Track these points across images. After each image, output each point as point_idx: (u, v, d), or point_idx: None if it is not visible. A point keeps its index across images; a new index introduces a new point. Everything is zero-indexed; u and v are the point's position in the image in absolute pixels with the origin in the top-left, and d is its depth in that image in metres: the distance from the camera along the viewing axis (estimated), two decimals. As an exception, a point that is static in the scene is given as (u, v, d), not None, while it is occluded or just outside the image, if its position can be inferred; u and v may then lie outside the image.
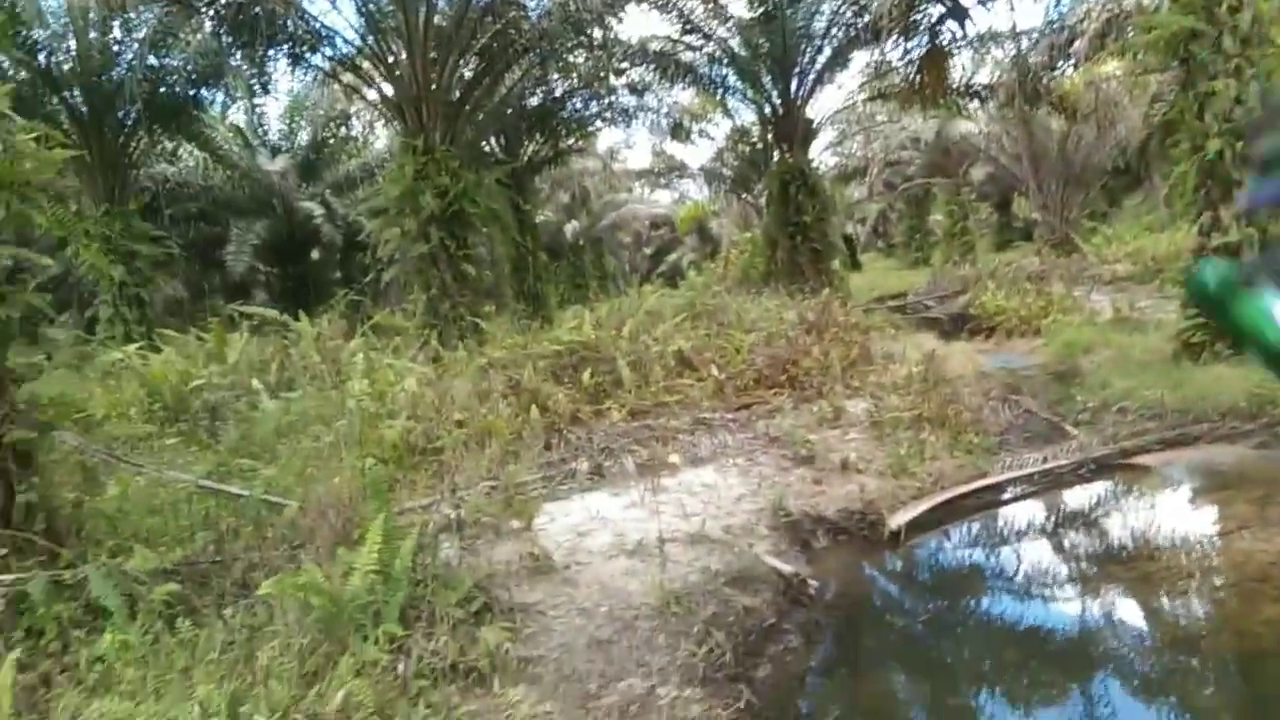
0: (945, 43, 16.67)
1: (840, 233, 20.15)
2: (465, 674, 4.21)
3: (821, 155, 34.40)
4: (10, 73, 15.54)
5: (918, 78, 16.61)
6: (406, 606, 4.52)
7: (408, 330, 13.98)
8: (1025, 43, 18.43)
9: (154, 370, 10.66)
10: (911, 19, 15.40)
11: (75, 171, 16.32)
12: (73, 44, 16.61)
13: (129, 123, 17.44)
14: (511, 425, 8.31)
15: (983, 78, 21.40)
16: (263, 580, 4.70)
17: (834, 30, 18.41)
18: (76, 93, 16.69)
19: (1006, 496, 7.23)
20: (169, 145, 21.93)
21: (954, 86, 19.07)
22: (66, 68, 16.57)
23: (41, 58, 16.18)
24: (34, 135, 5.48)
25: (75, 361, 14.61)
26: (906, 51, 16.70)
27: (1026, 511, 7.17)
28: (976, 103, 20.81)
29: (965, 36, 17.54)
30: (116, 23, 16.55)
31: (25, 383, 5.37)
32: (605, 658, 4.49)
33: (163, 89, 17.59)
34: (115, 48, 16.93)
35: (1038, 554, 6.41)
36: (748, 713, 4.12)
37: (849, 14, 17.95)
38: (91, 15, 16.32)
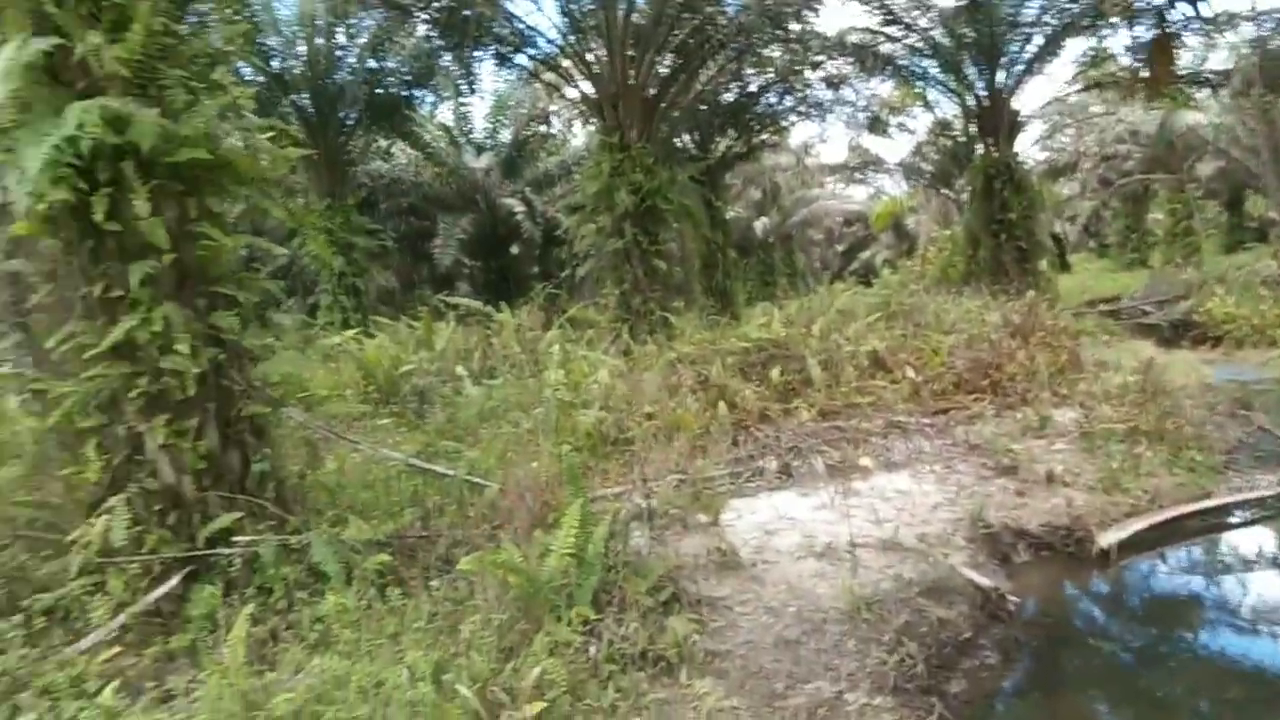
0: (1175, 27, 15.46)
1: (1048, 231, 19.05)
2: (654, 662, 4.28)
3: (1029, 149, 32.74)
4: (249, 77, 16.99)
5: (1142, 66, 15.47)
6: (599, 591, 4.63)
7: (600, 324, 14.32)
8: (1266, 25, 16.84)
9: (369, 355, 11.38)
10: (1138, 2, 14.37)
11: (302, 169, 17.66)
12: (302, 49, 17.98)
13: (349, 123, 18.76)
14: (700, 420, 8.36)
15: (1215, 64, 19.71)
16: (464, 557, 4.95)
17: (1046, 17, 17.44)
18: (304, 95, 18.05)
19: (1234, 520, 6.66)
20: (384, 144, 23.41)
21: (1182, 74, 17.65)
22: (296, 72, 17.96)
23: (275, 63, 17.63)
24: (270, 134, 5.96)
25: (299, 345, 15.78)
26: (1133, 39, 15.60)
27: (1256, 538, 6.58)
28: (1206, 91, 19.18)
29: (1197, 19, 16.20)
30: (340, 29, 17.82)
31: (260, 362, 5.86)
32: (792, 658, 4.45)
33: (379, 90, 18.80)
34: (338, 53, 18.21)
35: (1268, 586, 5.86)
36: (939, 725, 3.99)
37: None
38: (318, 22, 17.62)
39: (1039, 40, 17.89)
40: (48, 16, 4.74)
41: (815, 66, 19.80)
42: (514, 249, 25.76)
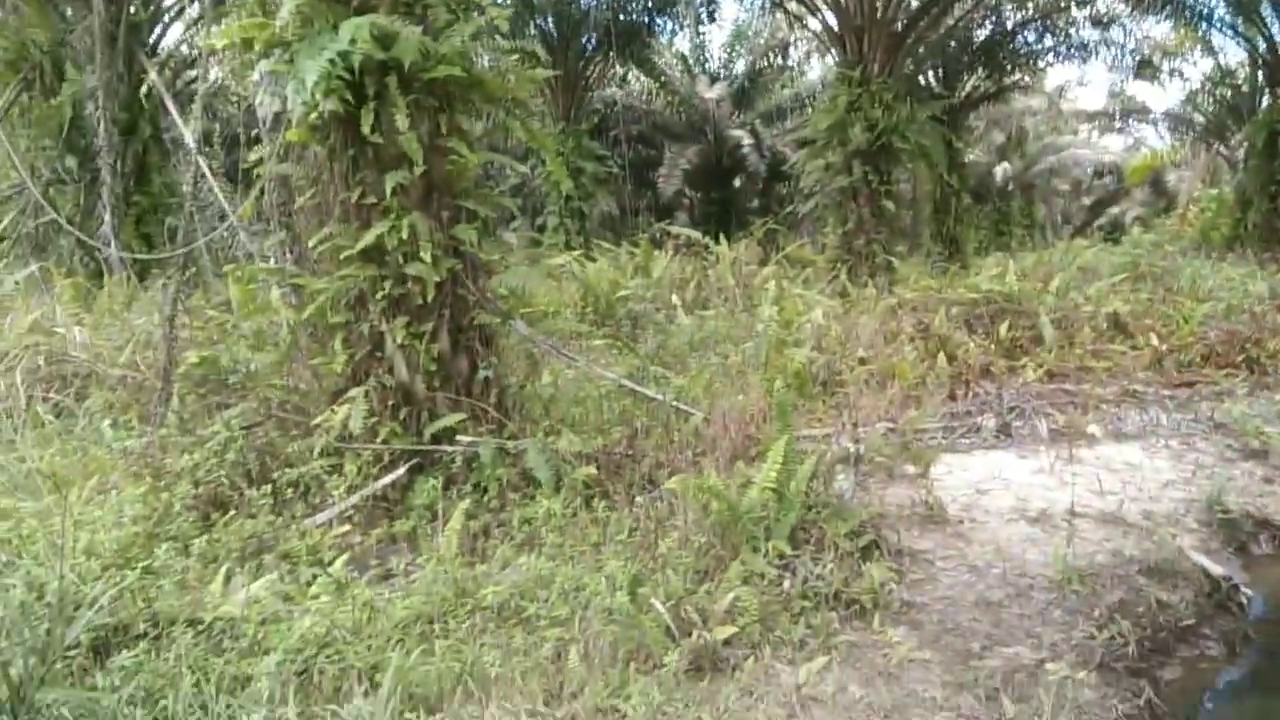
0: None
1: (1338, 197, 16.89)
2: (847, 604, 4.26)
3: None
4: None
5: None
6: (797, 528, 4.64)
7: (817, 264, 14.06)
8: None
9: (589, 277, 11.71)
10: None
11: (539, 91, 18.15)
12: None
13: (589, 48, 19.04)
14: (916, 370, 8.11)
15: None
16: (666, 478, 5.08)
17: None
18: (549, 18, 18.43)
19: None
20: (619, 70, 23.64)
21: None
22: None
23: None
24: (517, 56, 6.16)
25: (525, 263, 16.43)
26: None
27: None
28: None
29: None
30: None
31: (493, 275, 6.16)
32: (992, 619, 4.30)
33: (621, 16, 18.91)
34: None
35: None
36: (1148, 711, 3.75)
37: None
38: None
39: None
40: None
41: (1083, 3, 18.26)
42: (736, 182, 25.60)
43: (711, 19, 19.50)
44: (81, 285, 10.58)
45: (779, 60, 25.59)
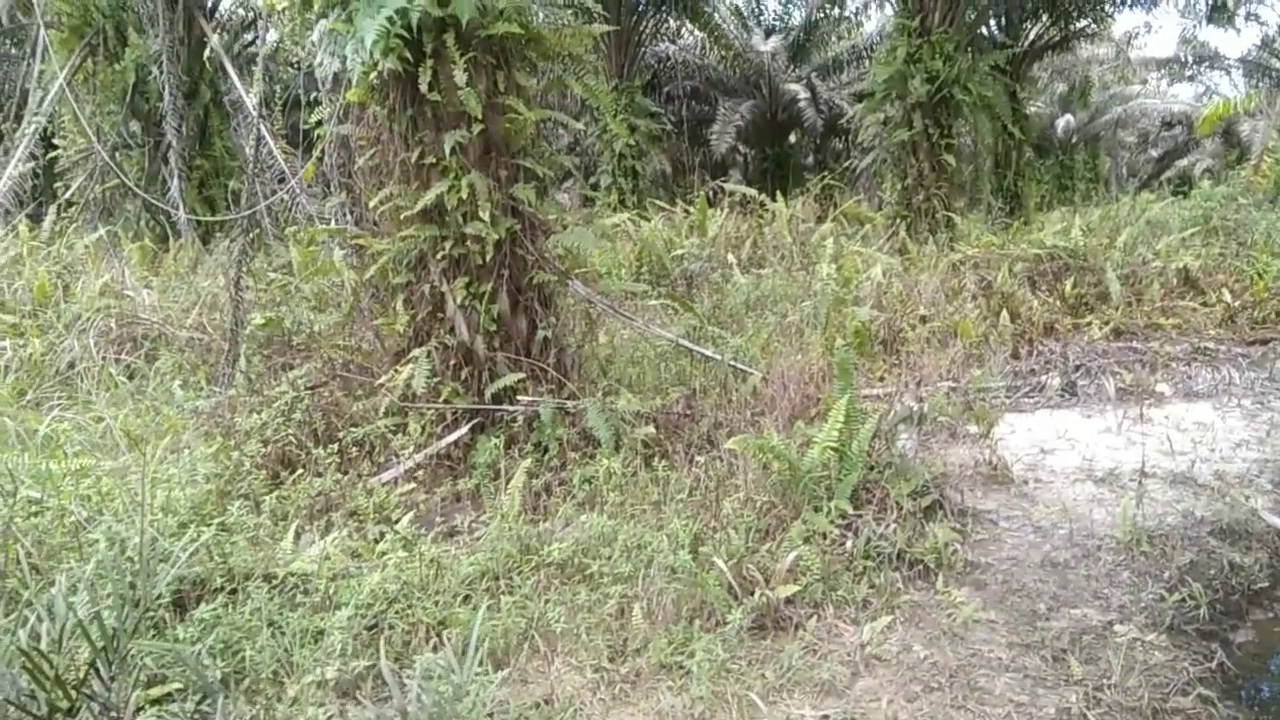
0: None
1: None
2: (910, 564, 4.24)
3: None
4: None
5: None
6: (859, 488, 4.62)
7: (875, 221, 13.84)
8: None
9: (644, 236, 11.66)
10: None
11: (594, 47, 17.97)
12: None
13: (643, 2, 18.77)
14: (979, 328, 7.99)
15: None
16: (725, 438, 5.07)
17: None
18: (603, -27, 18.21)
19: None
20: (673, 25, 23.28)
21: None
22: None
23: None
24: (572, 10, 6.09)
25: (581, 222, 16.41)
26: None
27: None
28: None
29: None
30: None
31: (551, 235, 6.15)
32: (1059, 581, 4.25)
33: (676, -32, 18.61)
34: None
35: None
36: (1219, 674, 3.68)
37: None
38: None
39: None
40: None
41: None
42: (792, 138, 25.20)
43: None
44: (148, 249, 10.82)
45: (836, 11, 24.97)
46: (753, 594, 3.78)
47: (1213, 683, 3.54)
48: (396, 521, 4.49)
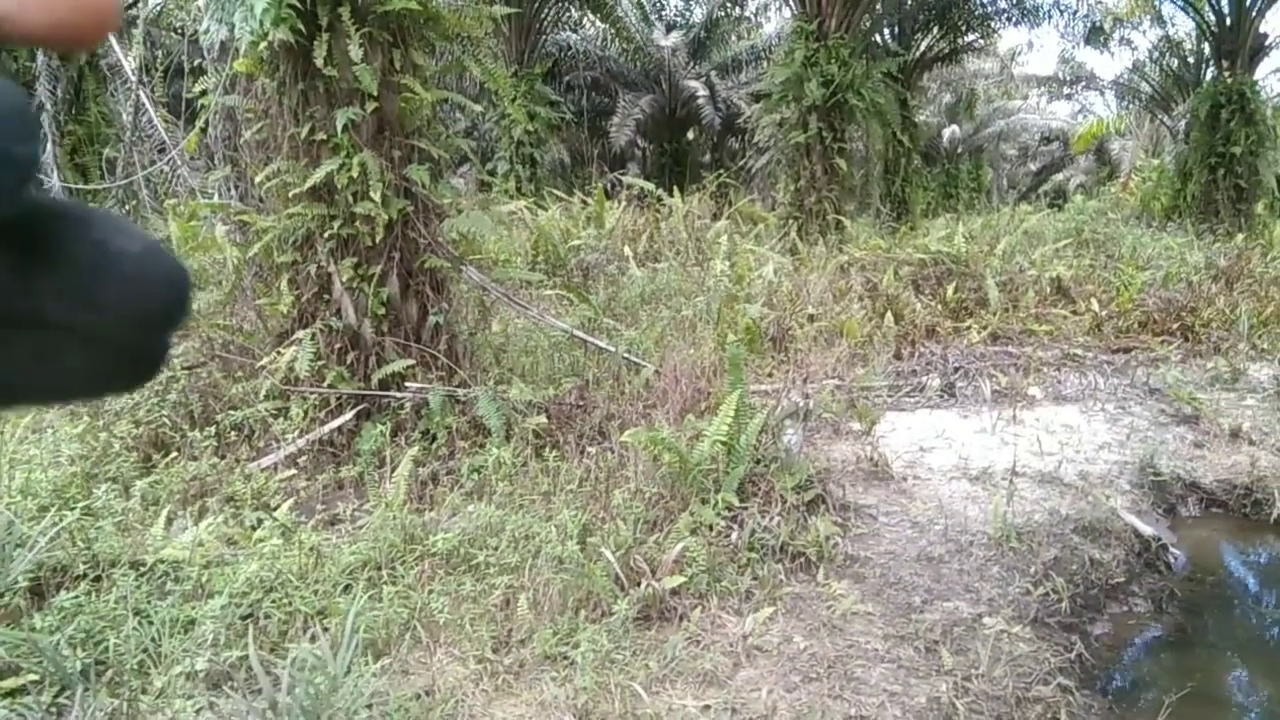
0: None
1: (1274, 172, 17.25)
2: (793, 557, 4.32)
3: (1267, 78, 29.57)
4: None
5: None
6: (745, 481, 4.68)
7: (768, 220, 14.07)
8: None
9: (541, 225, 11.57)
10: None
11: (494, 31, 17.72)
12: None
13: (546, -11, 18.61)
14: (864, 328, 8.20)
15: None
16: (616, 429, 5.08)
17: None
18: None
19: None
20: (575, 14, 23.17)
21: None
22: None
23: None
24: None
25: (476, 208, 16.17)
26: None
27: None
28: None
29: None
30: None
31: (445, 219, 6.04)
32: (933, 574, 4.40)
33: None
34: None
35: None
36: (1078, 664, 3.88)
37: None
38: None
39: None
40: None
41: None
42: (690, 134, 25.41)
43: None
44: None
45: (736, 10, 25.31)
46: (639, 585, 3.80)
47: (1072, 672, 3.73)
48: (275, 508, 4.35)
